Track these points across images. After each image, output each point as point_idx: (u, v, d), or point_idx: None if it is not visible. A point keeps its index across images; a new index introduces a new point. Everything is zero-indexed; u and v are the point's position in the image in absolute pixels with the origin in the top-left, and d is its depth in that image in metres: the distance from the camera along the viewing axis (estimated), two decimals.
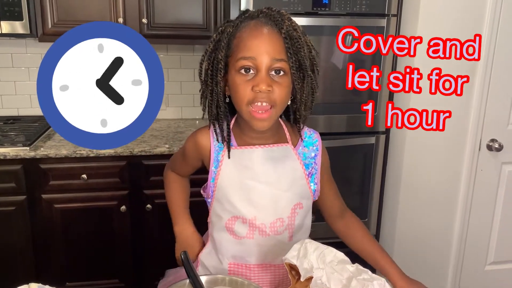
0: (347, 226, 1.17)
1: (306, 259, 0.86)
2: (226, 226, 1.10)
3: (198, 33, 2.29)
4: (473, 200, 2.31)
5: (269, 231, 1.08)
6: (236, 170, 1.07)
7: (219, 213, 1.11)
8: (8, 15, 2.04)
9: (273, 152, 1.08)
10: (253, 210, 1.07)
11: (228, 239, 1.11)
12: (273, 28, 0.98)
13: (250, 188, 1.06)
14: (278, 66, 0.97)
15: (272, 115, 0.99)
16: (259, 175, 1.06)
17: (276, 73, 0.98)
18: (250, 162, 1.07)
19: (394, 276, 1.06)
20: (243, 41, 0.98)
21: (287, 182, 1.08)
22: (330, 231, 1.22)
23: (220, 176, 1.08)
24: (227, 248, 1.12)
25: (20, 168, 2.00)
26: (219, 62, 1.00)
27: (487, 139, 2.23)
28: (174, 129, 2.47)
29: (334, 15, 2.07)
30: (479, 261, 2.42)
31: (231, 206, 1.08)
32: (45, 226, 2.09)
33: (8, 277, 2.10)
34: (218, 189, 1.09)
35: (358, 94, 2.25)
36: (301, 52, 0.98)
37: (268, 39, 0.97)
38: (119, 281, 2.24)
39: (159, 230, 2.20)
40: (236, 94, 1.00)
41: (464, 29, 2.08)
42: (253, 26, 0.99)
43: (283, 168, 1.08)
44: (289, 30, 0.98)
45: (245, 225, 1.08)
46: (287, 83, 0.99)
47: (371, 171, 2.31)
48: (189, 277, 0.92)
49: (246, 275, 1.11)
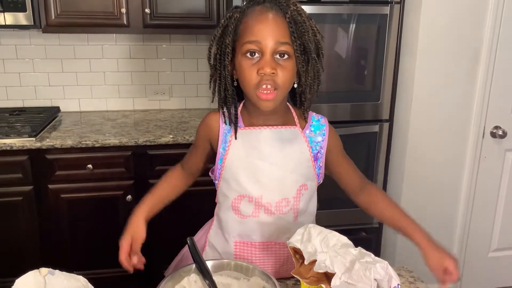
0: (369, 197, 1.17)
1: (310, 243, 0.87)
2: (232, 205, 1.13)
3: (201, 23, 2.29)
4: (477, 187, 2.32)
5: (275, 210, 1.11)
6: (244, 150, 1.10)
7: (225, 192, 1.14)
8: (12, 6, 2.05)
9: (281, 133, 1.10)
10: (260, 189, 1.09)
11: (234, 218, 1.14)
12: (278, 13, 1.00)
13: (257, 168, 1.09)
14: (283, 49, 1.00)
15: (276, 96, 1.02)
16: (266, 155, 1.09)
17: (281, 56, 1.00)
18: (258, 142, 1.09)
19: (421, 241, 1.06)
20: (249, 26, 1.01)
21: (293, 163, 1.10)
22: (333, 218, 1.24)
23: (228, 157, 1.11)
24: (233, 227, 1.15)
25: (26, 158, 2.02)
26: (227, 47, 1.03)
27: (491, 126, 2.23)
28: (178, 119, 2.48)
29: (337, 3, 2.06)
30: (482, 248, 2.44)
31: (238, 185, 1.11)
32: (51, 216, 2.12)
33: (15, 267, 2.12)
34: (225, 169, 1.11)
35: (362, 82, 2.25)
36: (305, 35, 1.00)
37: (273, 23, 0.99)
38: (124, 270, 2.26)
39: (165, 219, 2.21)
40: (243, 78, 1.03)
41: (468, 15, 2.07)
42: (259, 11, 1.01)
43: (290, 149, 1.10)
44: (294, 14, 1.00)
45: (251, 204, 1.11)
46: (291, 67, 1.02)
47: (375, 159, 2.32)
48: (195, 261, 0.94)
49: (252, 252, 1.14)
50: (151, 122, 2.40)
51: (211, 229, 1.23)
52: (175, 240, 1.32)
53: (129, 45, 2.57)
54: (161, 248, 2.25)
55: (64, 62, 2.53)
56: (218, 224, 1.19)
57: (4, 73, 2.48)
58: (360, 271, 0.82)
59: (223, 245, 1.18)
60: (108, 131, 2.20)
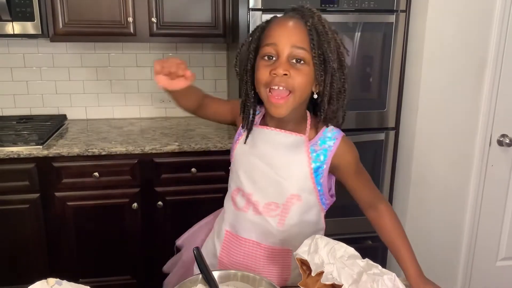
0: (377, 216, 1.17)
1: (317, 254, 0.87)
2: (231, 195, 1.19)
3: (207, 32, 2.31)
4: (484, 196, 2.30)
5: (262, 210, 1.13)
6: (248, 145, 1.14)
7: (230, 181, 1.21)
8: (20, 16, 2.07)
9: (286, 139, 1.11)
10: (252, 187, 1.13)
11: (231, 208, 1.19)
12: (299, 20, 1.03)
13: (254, 165, 1.12)
14: (299, 54, 1.01)
15: (289, 101, 1.02)
16: (265, 156, 1.11)
17: (297, 62, 1.02)
18: (261, 142, 1.13)
19: (412, 278, 1.06)
20: (269, 31, 1.05)
21: (290, 171, 1.10)
22: (339, 227, 1.24)
23: (236, 148, 1.17)
24: (229, 216, 1.20)
25: (33, 166, 2.03)
26: (250, 53, 1.07)
27: (498, 134, 2.22)
28: (184, 127, 2.49)
29: (342, 12, 2.07)
30: (490, 257, 2.41)
31: (237, 177, 1.16)
32: (58, 224, 2.12)
33: (22, 274, 2.14)
34: (233, 160, 1.18)
35: (367, 90, 2.25)
36: (325, 45, 1.01)
37: (292, 28, 1.02)
38: (131, 278, 2.27)
39: (171, 227, 2.22)
40: (255, 78, 1.06)
41: (473, 24, 2.07)
42: (281, 18, 1.06)
43: (291, 157, 1.10)
44: (316, 23, 1.02)
45: (243, 198, 1.15)
46: (307, 71, 1.03)
47: (381, 167, 2.31)
48: (202, 272, 0.94)
49: (238, 247, 1.18)
50: (157, 130, 2.41)
51: (220, 213, 1.29)
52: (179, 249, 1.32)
53: (136, 54, 2.58)
54: (166, 257, 2.25)
55: (71, 70, 2.55)
56: (223, 211, 1.26)
57: (12, 81, 2.51)
58: (368, 283, 0.82)
59: (218, 231, 1.24)
60: (115, 139, 2.22)
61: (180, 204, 2.20)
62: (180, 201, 2.20)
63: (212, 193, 2.18)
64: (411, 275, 1.06)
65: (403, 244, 1.11)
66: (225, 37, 2.33)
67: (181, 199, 2.20)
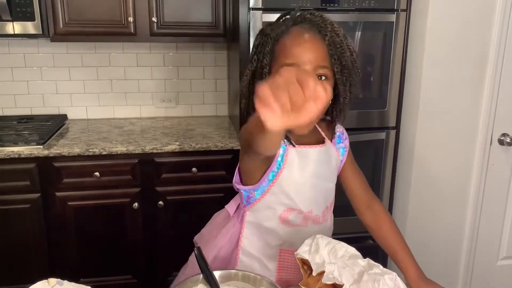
0: (375, 218, 1.19)
1: (318, 254, 0.87)
2: (280, 217, 1.14)
3: (207, 31, 2.31)
4: (485, 195, 2.30)
5: (321, 220, 1.17)
6: (297, 168, 1.11)
7: (271, 205, 1.13)
8: (21, 16, 2.07)
9: (325, 151, 1.14)
10: (308, 205, 1.13)
11: (281, 227, 1.14)
12: (315, 35, 1.00)
13: (309, 185, 1.12)
14: (321, 72, 0.99)
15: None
16: (318, 172, 1.13)
17: (319, 78, 0.99)
18: (310, 161, 1.12)
19: (412, 279, 1.06)
20: (286, 47, 1.00)
21: (333, 174, 1.18)
22: (339, 226, 1.25)
23: (282, 174, 1.09)
24: (280, 235, 1.15)
25: (34, 166, 2.03)
26: (264, 67, 1.02)
27: (499, 133, 2.22)
28: (184, 127, 2.49)
29: (343, 11, 2.07)
30: (491, 256, 2.41)
31: (288, 199, 1.12)
32: (59, 223, 2.12)
33: (23, 274, 2.14)
34: (276, 185, 1.10)
35: (368, 89, 2.24)
36: (344, 56, 1.01)
37: (311, 46, 0.99)
38: (131, 277, 2.27)
39: (171, 226, 2.22)
40: None
41: (474, 23, 2.07)
42: (297, 32, 1.01)
43: (331, 163, 1.16)
44: (333, 35, 1.00)
45: (299, 215, 1.14)
46: (329, 87, 1.01)
47: (381, 167, 2.31)
48: (203, 271, 0.94)
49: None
50: (157, 130, 2.41)
51: (242, 237, 1.19)
52: (183, 248, 1.32)
53: (136, 53, 2.58)
54: (167, 257, 2.25)
55: (72, 70, 2.55)
56: (257, 232, 1.17)
57: (12, 81, 2.51)
58: (369, 283, 0.82)
59: (264, 252, 1.17)
60: (115, 138, 2.22)
61: (181, 204, 2.20)
62: (181, 201, 2.20)
63: (213, 193, 2.18)
64: (411, 276, 1.06)
65: (401, 246, 1.12)
66: (226, 36, 2.33)
67: (181, 199, 2.20)
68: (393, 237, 1.14)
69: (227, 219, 1.27)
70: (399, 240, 1.13)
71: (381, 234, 1.16)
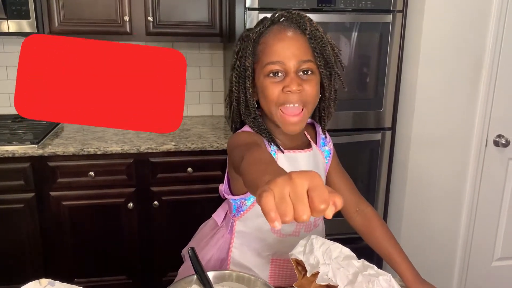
0: (366, 222, 1.18)
1: (312, 254, 0.87)
2: (272, 228, 1.10)
3: (204, 31, 2.30)
4: (480, 196, 2.30)
5: (313, 227, 1.15)
6: None
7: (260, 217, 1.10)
8: (16, 14, 2.06)
9: (312, 155, 1.12)
10: None
11: (273, 237, 1.12)
12: (296, 30, 1.00)
13: None
14: (306, 66, 0.99)
15: (304, 117, 1.01)
16: None
17: (305, 73, 1.00)
18: (297, 165, 1.09)
19: (407, 278, 1.06)
20: (268, 46, 1.00)
21: (322, 178, 1.14)
22: (334, 227, 1.24)
23: None
24: (271, 245, 1.13)
25: (28, 166, 2.02)
26: (247, 69, 1.01)
27: (494, 135, 2.22)
28: (180, 126, 2.48)
29: (339, 12, 2.07)
30: (486, 257, 2.42)
31: None
32: (53, 223, 2.11)
33: (17, 274, 2.13)
34: None
35: (364, 90, 2.25)
36: (326, 50, 1.00)
37: (293, 41, 0.99)
38: (126, 277, 2.26)
39: (166, 226, 2.21)
40: (265, 96, 1.01)
41: (470, 24, 2.07)
42: (277, 30, 1.01)
43: (319, 166, 1.14)
44: (313, 30, 1.00)
45: (292, 224, 1.11)
46: (316, 81, 1.02)
47: (377, 168, 2.31)
48: (196, 272, 0.93)
49: (288, 268, 1.15)
50: None
51: (232, 247, 1.17)
52: (178, 248, 1.31)
53: None
54: (162, 257, 2.24)
55: None
56: (247, 242, 1.15)
57: (7, 80, 2.49)
58: (363, 284, 0.82)
59: (255, 261, 1.14)
60: (110, 138, 2.21)
61: (176, 204, 2.20)
62: (176, 201, 2.19)
63: (208, 193, 2.17)
64: (408, 279, 1.06)
65: (395, 249, 1.12)
66: (222, 36, 2.32)
67: (177, 199, 2.19)
68: (388, 242, 1.13)
69: (215, 228, 1.23)
70: (394, 244, 1.12)
71: (375, 239, 1.15)
